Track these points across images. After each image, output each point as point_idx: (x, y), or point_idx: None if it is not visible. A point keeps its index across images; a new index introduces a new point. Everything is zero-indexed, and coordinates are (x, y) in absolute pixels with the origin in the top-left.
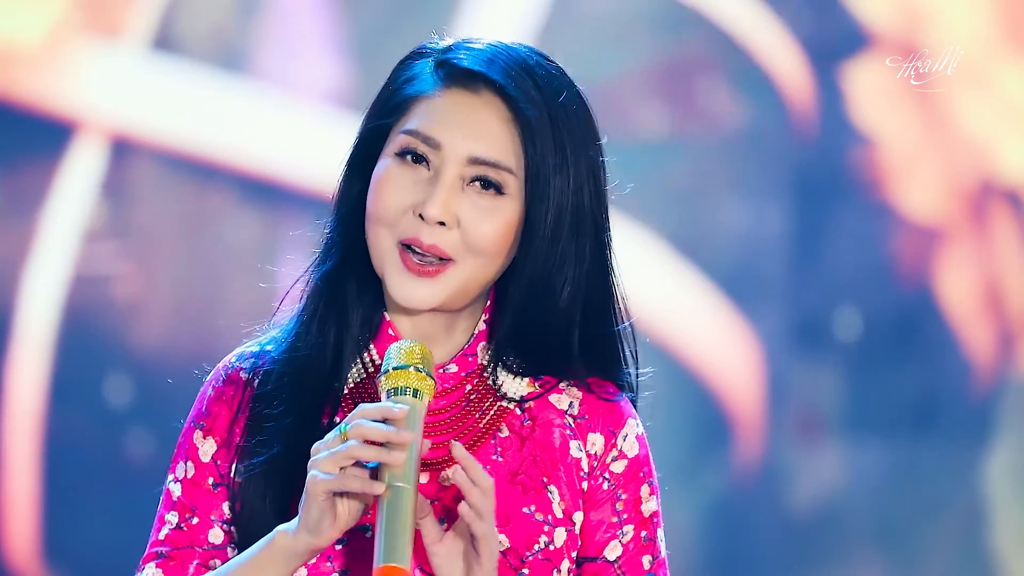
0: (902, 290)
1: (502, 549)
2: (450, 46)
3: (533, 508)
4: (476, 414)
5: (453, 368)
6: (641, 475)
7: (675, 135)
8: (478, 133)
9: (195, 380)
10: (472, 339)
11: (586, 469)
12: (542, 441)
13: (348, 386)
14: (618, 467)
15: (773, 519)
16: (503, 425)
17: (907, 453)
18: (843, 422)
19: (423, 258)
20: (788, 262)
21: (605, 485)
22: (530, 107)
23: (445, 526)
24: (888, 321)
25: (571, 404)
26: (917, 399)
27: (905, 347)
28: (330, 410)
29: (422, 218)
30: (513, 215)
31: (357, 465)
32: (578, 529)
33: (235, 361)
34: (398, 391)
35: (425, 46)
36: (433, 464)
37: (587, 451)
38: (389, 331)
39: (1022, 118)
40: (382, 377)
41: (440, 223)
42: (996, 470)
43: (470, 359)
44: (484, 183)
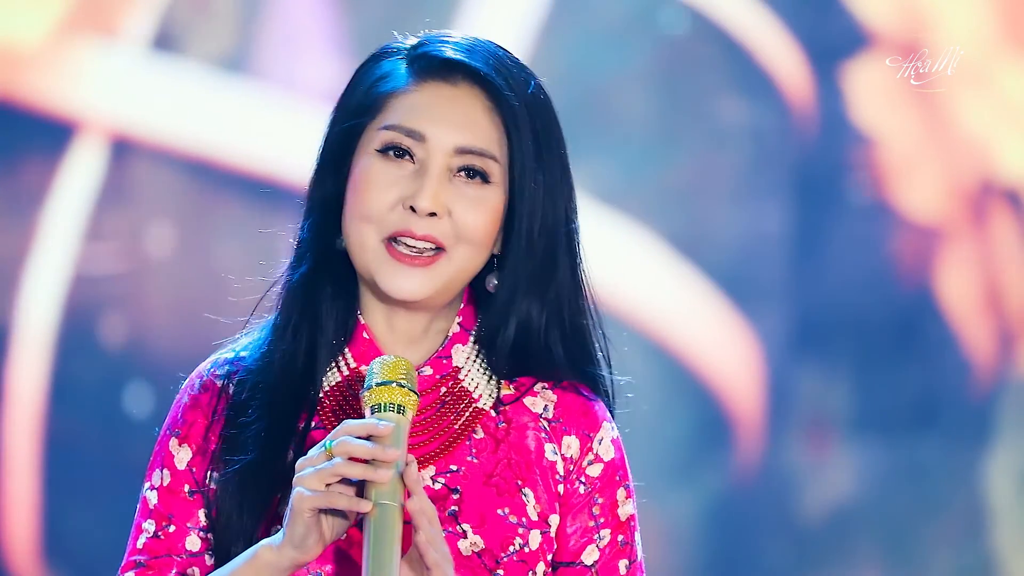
0: (902, 290)
1: (477, 550)
2: (421, 41)
3: (508, 510)
4: (451, 416)
5: (428, 371)
6: (617, 479)
7: (675, 135)
8: (462, 123)
9: None
10: (446, 341)
11: (562, 472)
12: (517, 444)
13: (324, 390)
14: (594, 471)
15: (773, 519)
16: (478, 427)
17: (907, 452)
18: (843, 422)
19: (415, 248)
20: (788, 262)
21: (581, 489)
22: (511, 95)
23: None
24: (888, 321)
25: (546, 407)
26: (917, 399)
27: (905, 347)
28: (306, 415)
29: (413, 211)
30: (499, 204)
31: (343, 482)
32: (553, 532)
33: (210, 368)
34: (382, 407)
35: (389, 46)
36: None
37: (562, 454)
38: (364, 334)
39: (1022, 118)
40: (365, 393)
41: (431, 214)
42: (996, 469)
43: (444, 362)
44: (470, 172)
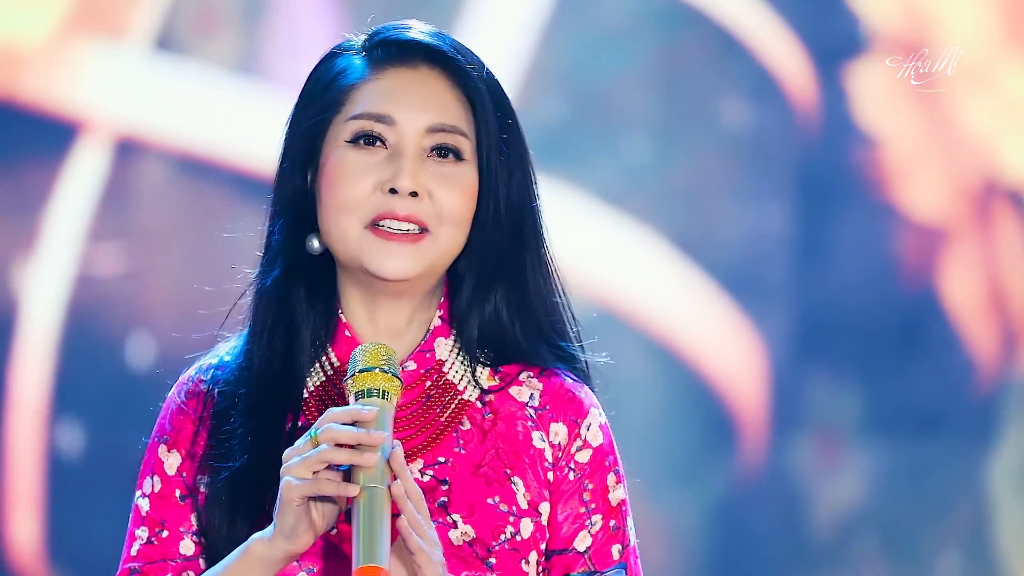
0: (906, 290)
1: (468, 539)
2: (374, 33)
3: (498, 499)
4: (437, 409)
5: (412, 366)
6: (607, 464)
7: (678, 136)
8: (429, 103)
9: None
10: (428, 334)
11: (550, 460)
12: (504, 433)
13: (308, 390)
14: (583, 457)
15: (776, 520)
16: (464, 419)
17: (911, 453)
18: (847, 422)
19: (399, 228)
20: (792, 262)
21: (571, 475)
22: (471, 71)
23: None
24: (892, 321)
25: (532, 396)
26: (921, 399)
27: (909, 347)
28: (292, 416)
29: (392, 193)
30: (473, 181)
31: (330, 469)
32: (545, 520)
33: (195, 374)
34: (365, 393)
35: (341, 45)
36: None
37: (550, 441)
38: (346, 332)
39: None
40: (348, 380)
41: (412, 194)
42: (1000, 470)
43: (428, 355)
44: (442, 151)
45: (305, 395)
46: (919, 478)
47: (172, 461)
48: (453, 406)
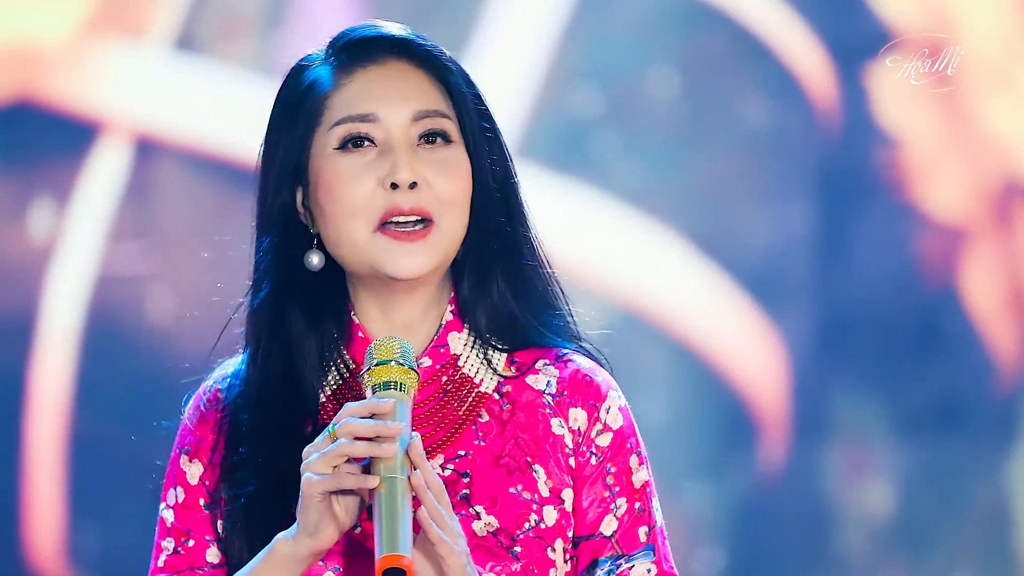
0: (926, 290)
1: (492, 530)
2: (336, 39)
3: (520, 488)
4: (454, 403)
5: (427, 362)
6: (628, 446)
7: (699, 136)
8: (407, 93)
9: None
10: (440, 329)
11: (571, 445)
12: (523, 423)
13: (325, 394)
14: (604, 440)
15: (796, 519)
16: (482, 411)
17: (930, 452)
18: (867, 422)
19: (407, 224)
20: (812, 262)
21: (593, 460)
22: (439, 54)
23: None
24: (912, 321)
25: (548, 383)
26: (941, 399)
27: (929, 347)
28: (311, 422)
29: (394, 187)
30: (465, 162)
31: (349, 463)
32: (568, 506)
33: (212, 384)
34: (382, 386)
35: (305, 59)
36: None
37: (570, 427)
38: (359, 333)
39: None
40: (365, 375)
41: (413, 185)
42: (1020, 469)
43: (442, 351)
44: (431, 137)
45: (323, 399)
46: (939, 477)
47: (194, 471)
48: (470, 399)
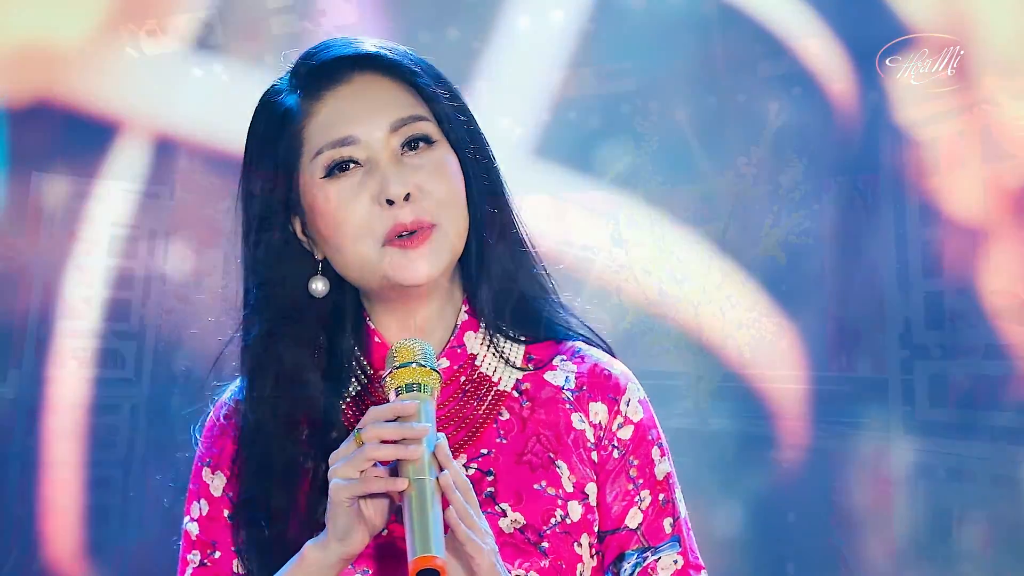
0: (945, 289)
1: (519, 527)
2: (295, 70)
3: (544, 483)
4: (474, 403)
5: (445, 363)
6: (649, 438)
7: (718, 135)
8: (379, 105)
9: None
10: (456, 330)
11: (592, 440)
12: (543, 419)
13: (345, 401)
14: (625, 433)
15: (815, 518)
16: (503, 409)
17: (950, 452)
18: (886, 422)
19: (410, 234)
20: (831, 260)
21: (615, 453)
22: (400, 59)
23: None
24: (931, 320)
25: (567, 379)
26: (960, 398)
27: (948, 345)
28: (334, 429)
29: (389, 203)
30: (452, 159)
31: (376, 467)
32: (593, 501)
33: (230, 397)
34: (405, 388)
35: (269, 91)
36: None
37: (591, 422)
38: (376, 339)
39: None
40: (387, 378)
41: (407, 197)
42: None
43: (459, 351)
44: (412, 143)
45: (343, 406)
46: (958, 477)
47: (217, 483)
48: (490, 398)
